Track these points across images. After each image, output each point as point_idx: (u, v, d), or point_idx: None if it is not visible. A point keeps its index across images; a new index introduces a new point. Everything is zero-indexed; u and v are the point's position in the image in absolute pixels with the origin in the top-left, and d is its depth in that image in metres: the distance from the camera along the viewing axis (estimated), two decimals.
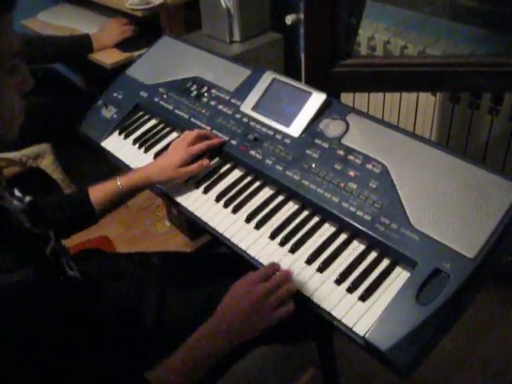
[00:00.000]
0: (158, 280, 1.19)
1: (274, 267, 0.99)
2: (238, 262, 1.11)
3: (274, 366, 1.73)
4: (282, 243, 1.07)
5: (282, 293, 0.95)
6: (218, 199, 1.20)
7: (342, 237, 1.06)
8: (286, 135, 1.23)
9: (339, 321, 0.93)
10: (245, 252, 1.08)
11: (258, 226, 1.11)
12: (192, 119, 1.37)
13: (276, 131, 1.24)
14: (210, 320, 0.94)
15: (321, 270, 1.01)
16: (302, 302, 0.97)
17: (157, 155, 1.36)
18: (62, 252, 0.94)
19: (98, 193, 1.20)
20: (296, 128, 1.22)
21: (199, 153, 1.25)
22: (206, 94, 1.41)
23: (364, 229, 1.02)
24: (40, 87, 2.35)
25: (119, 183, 1.20)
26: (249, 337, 0.94)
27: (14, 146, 2.11)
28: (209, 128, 1.32)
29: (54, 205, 1.18)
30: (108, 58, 2.11)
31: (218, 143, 1.27)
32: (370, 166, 1.10)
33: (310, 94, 1.24)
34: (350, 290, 0.96)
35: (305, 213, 1.13)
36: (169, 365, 0.90)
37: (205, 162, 1.24)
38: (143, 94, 1.51)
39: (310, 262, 1.02)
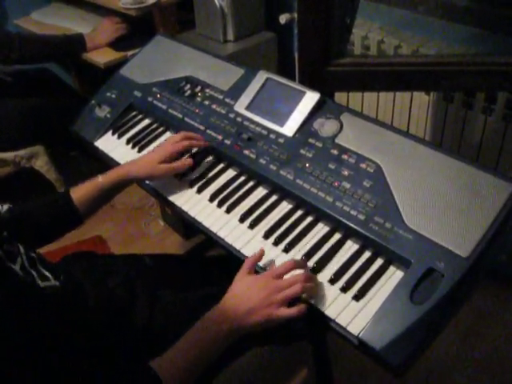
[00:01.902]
0: (150, 281, 1.19)
1: (289, 266, 0.97)
2: (231, 265, 1.10)
3: (267, 366, 1.73)
4: (276, 243, 1.07)
5: (291, 292, 0.93)
6: (211, 199, 1.19)
7: (336, 236, 1.06)
8: (279, 135, 1.22)
9: (333, 320, 0.92)
10: (238, 252, 1.08)
11: (251, 226, 1.11)
12: (186, 119, 1.37)
13: (270, 131, 1.24)
14: (217, 306, 0.94)
15: (315, 269, 1.00)
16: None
17: None
18: (32, 265, 0.92)
19: (80, 192, 1.18)
20: (290, 127, 1.22)
21: (182, 150, 1.24)
22: (199, 94, 1.40)
23: (358, 228, 1.01)
24: (33, 88, 2.36)
25: (101, 180, 1.19)
26: (250, 329, 0.93)
27: (8, 146, 2.11)
28: (202, 127, 1.32)
29: (36, 210, 1.16)
30: (101, 57, 2.11)
31: (202, 144, 1.27)
32: (363, 166, 1.10)
33: (304, 93, 1.24)
34: (344, 289, 0.96)
35: (298, 212, 1.13)
36: (175, 349, 0.90)
37: (187, 160, 1.24)
38: (137, 93, 1.50)
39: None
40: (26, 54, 2.08)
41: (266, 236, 1.09)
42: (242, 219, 1.13)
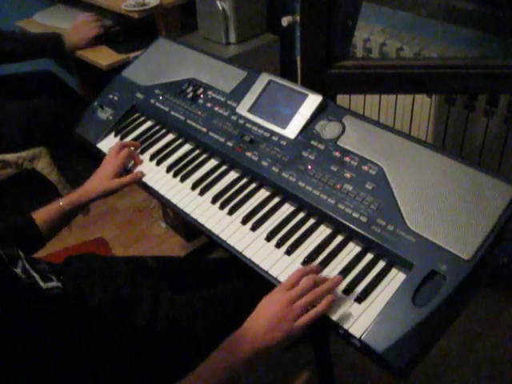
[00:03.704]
0: (152, 282, 1.19)
1: (299, 274, 0.96)
2: (233, 267, 1.10)
3: (269, 367, 1.73)
4: (278, 245, 1.07)
5: (306, 300, 0.92)
6: (214, 201, 1.20)
7: (338, 238, 1.06)
8: (282, 137, 1.23)
9: (335, 322, 0.92)
10: (240, 254, 1.08)
11: (254, 228, 1.11)
12: (188, 121, 1.37)
13: (272, 133, 1.24)
14: (237, 330, 0.92)
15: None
16: None
17: (153, 157, 1.36)
18: (33, 267, 0.92)
19: (42, 216, 1.21)
20: (292, 130, 1.22)
21: (126, 159, 1.32)
22: (202, 96, 1.41)
23: (360, 230, 1.02)
24: (36, 90, 2.36)
25: (61, 203, 1.23)
26: (274, 347, 0.89)
27: (11, 148, 2.11)
28: (205, 129, 1.32)
29: (1, 234, 1.16)
30: (104, 59, 2.11)
31: (137, 145, 1.39)
32: (365, 168, 1.10)
33: (306, 95, 1.24)
34: (347, 292, 0.96)
35: (301, 214, 1.13)
36: (195, 375, 0.88)
37: (138, 173, 1.31)
38: (139, 95, 1.50)
39: (306, 263, 1.02)
40: (1, 50, 2.04)
41: (269, 238, 1.09)
42: (245, 221, 1.13)
